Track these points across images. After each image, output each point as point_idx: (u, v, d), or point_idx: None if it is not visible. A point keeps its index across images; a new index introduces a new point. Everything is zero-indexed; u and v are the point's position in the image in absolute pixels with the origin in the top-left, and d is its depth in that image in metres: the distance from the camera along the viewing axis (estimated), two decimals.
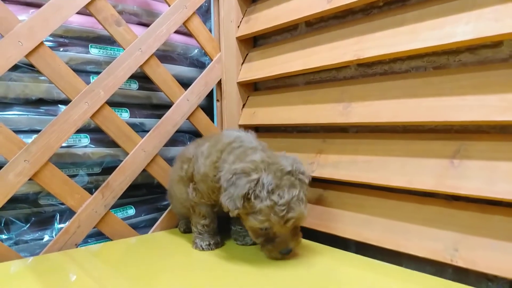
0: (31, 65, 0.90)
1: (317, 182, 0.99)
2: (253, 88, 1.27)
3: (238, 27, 1.21)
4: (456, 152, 0.72)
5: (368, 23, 0.88)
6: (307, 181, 0.79)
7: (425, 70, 0.82)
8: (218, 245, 0.89)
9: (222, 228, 0.94)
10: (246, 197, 0.73)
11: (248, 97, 1.24)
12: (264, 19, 1.13)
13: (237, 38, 1.21)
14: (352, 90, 0.92)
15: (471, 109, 0.68)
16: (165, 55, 1.20)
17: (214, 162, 0.82)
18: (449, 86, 0.73)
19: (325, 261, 0.79)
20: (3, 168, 0.84)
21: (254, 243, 0.90)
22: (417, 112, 0.76)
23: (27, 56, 0.86)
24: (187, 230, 1.03)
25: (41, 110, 0.98)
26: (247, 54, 1.24)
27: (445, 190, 0.71)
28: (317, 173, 0.94)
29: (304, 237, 0.94)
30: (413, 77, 0.81)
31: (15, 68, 0.89)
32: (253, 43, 1.27)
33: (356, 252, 0.91)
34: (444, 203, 0.76)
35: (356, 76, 0.96)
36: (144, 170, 1.06)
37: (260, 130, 1.23)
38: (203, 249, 0.88)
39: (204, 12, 1.31)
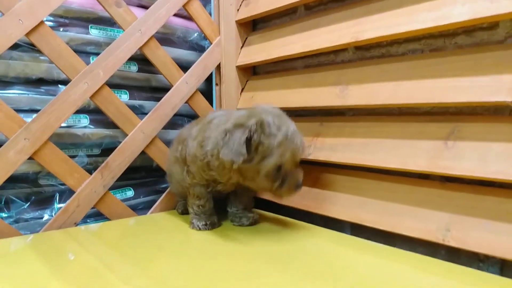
0: (32, 44, 0.90)
1: (313, 165, 1.00)
2: (252, 72, 1.27)
3: (238, 10, 1.21)
4: (450, 134, 0.72)
5: (366, 5, 0.88)
6: None
7: (422, 53, 0.82)
8: (214, 225, 0.91)
9: (219, 211, 0.95)
10: (250, 144, 0.73)
11: (247, 81, 1.25)
12: (264, 3, 1.12)
13: (236, 21, 1.21)
14: (349, 73, 0.92)
15: (465, 90, 0.69)
16: (165, 38, 1.21)
17: (200, 142, 0.84)
18: (445, 68, 0.74)
19: (320, 242, 0.81)
20: (3, 146, 0.85)
21: (250, 224, 0.92)
22: (414, 93, 0.76)
23: (27, 34, 0.87)
24: (184, 212, 1.04)
25: (41, 89, 0.99)
26: (246, 38, 1.24)
27: (438, 171, 0.72)
28: (314, 156, 0.95)
29: (301, 219, 0.96)
30: (410, 59, 0.81)
31: (15, 46, 0.90)
32: (252, 26, 1.27)
33: (351, 234, 0.92)
34: (438, 184, 0.77)
35: (354, 60, 0.96)
36: (143, 152, 1.07)
37: None
38: (200, 229, 0.89)
39: None
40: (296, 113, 1.11)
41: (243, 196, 0.94)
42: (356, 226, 0.87)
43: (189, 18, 1.19)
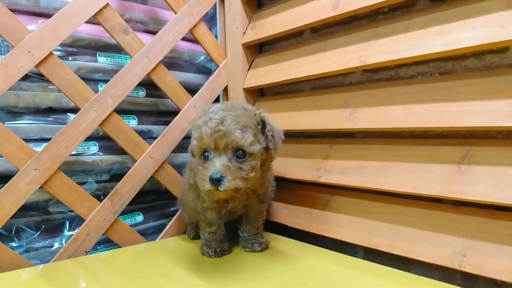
0: (41, 75, 0.91)
1: (324, 187, 1.00)
2: (259, 94, 1.28)
3: (244, 33, 1.22)
4: (464, 158, 0.72)
5: (373, 29, 0.88)
6: (265, 119, 0.80)
7: (431, 76, 0.82)
8: (224, 252, 0.90)
9: (231, 235, 0.95)
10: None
11: (254, 103, 1.25)
12: (270, 26, 1.13)
13: (243, 44, 1.22)
14: (358, 95, 0.92)
15: (477, 115, 0.68)
16: (171, 62, 1.21)
17: None
18: (455, 91, 0.73)
19: (333, 267, 0.80)
20: (14, 177, 0.85)
21: (262, 250, 0.91)
22: (424, 117, 0.76)
23: (37, 66, 0.87)
24: (196, 237, 1.03)
25: (50, 118, 0.99)
26: (253, 60, 1.25)
27: (452, 196, 0.71)
28: (324, 179, 0.94)
29: (312, 243, 0.95)
30: (419, 82, 0.81)
31: (25, 77, 0.90)
32: (258, 49, 1.28)
33: (365, 258, 0.91)
34: (452, 208, 0.76)
35: (362, 82, 0.96)
36: (152, 177, 1.07)
37: None
38: (210, 256, 0.88)
39: (209, 19, 1.32)
40: (304, 135, 1.11)
41: (255, 221, 0.93)
42: (369, 250, 0.86)
43: (195, 41, 1.20)
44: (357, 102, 0.91)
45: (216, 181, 0.71)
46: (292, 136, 1.15)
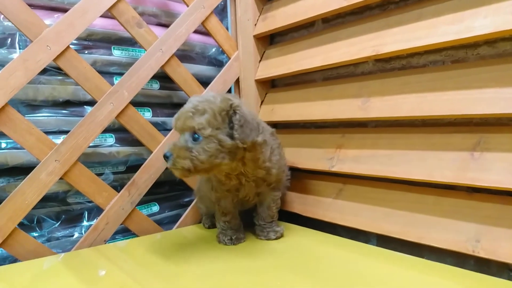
0: (59, 68, 0.93)
1: (337, 176, 1.01)
2: (270, 85, 1.29)
3: (255, 25, 1.23)
4: (476, 145, 0.73)
5: (385, 18, 0.89)
6: (237, 109, 0.77)
7: (443, 64, 0.83)
8: (240, 240, 0.92)
9: (247, 224, 0.97)
10: None
11: (266, 94, 1.26)
12: (281, 17, 1.14)
13: (254, 36, 1.23)
14: (370, 85, 0.93)
15: (490, 102, 0.69)
16: (184, 55, 1.23)
17: None
18: (467, 79, 0.74)
19: (346, 254, 0.81)
20: (35, 168, 0.87)
21: (276, 238, 0.92)
22: (436, 106, 0.77)
23: (55, 59, 0.89)
24: (211, 226, 1.06)
25: (67, 111, 1.01)
26: (264, 52, 1.26)
27: (465, 183, 0.72)
28: (337, 168, 0.96)
29: (325, 231, 0.96)
30: (432, 71, 0.81)
31: (43, 71, 0.92)
32: (270, 40, 1.29)
33: (377, 245, 0.93)
34: (465, 195, 0.77)
35: (374, 71, 0.97)
36: (167, 168, 1.09)
37: (279, 126, 1.24)
38: (226, 244, 0.90)
39: (220, 11, 1.33)
40: (316, 125, 1.12)
41: (270, 209, 0.94)
42: (382, 237, 0.88)
43: (207, 33, 1.21)
44: (369, 91, 0.92)
45: (165, 158, 0.77)
46: (305, 126, 1.17)
